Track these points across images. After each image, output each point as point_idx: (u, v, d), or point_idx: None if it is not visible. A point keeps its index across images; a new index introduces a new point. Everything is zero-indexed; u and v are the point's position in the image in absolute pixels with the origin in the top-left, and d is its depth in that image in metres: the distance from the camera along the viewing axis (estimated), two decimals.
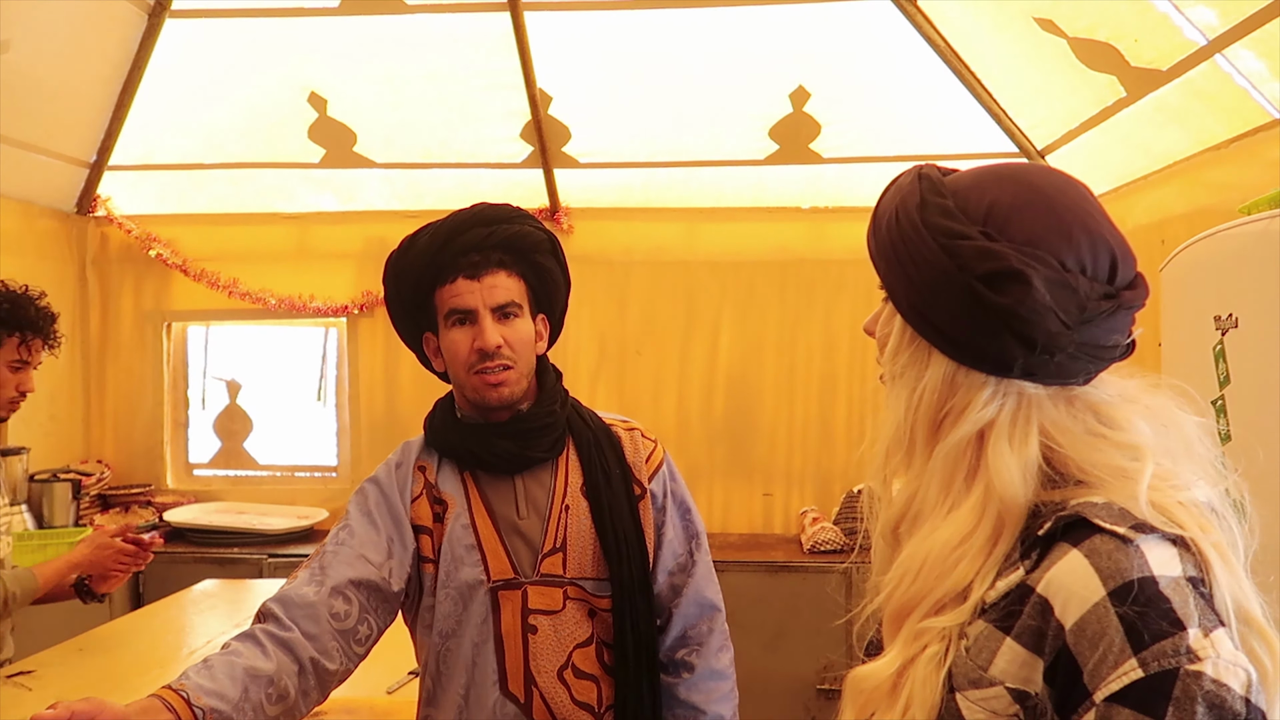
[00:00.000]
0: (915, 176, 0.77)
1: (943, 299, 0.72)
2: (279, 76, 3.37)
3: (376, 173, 3.72)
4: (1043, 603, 0.66)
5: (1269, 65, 2.19)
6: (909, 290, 0.74)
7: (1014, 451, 0.70)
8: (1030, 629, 0.66)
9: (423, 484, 1.43)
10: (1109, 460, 0.70)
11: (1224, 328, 1.31)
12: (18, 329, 2.10)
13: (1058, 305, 0.68)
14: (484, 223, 1.39)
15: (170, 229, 3.86)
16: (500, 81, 3.35)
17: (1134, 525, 0.65)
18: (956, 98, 3.26)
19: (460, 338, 1.38)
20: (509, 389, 1.38)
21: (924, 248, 0.72)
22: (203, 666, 1.13)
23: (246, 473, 4.07)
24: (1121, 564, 0.64)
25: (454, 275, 1.37)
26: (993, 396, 0.72)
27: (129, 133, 3.55)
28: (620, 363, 3.83)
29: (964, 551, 0.70)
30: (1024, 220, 0.71)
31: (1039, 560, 0.68)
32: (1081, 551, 0.65)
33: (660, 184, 3.73)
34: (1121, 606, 0.62)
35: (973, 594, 0.69)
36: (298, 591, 1.28)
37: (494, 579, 1.37)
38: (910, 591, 0.72)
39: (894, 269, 0.76)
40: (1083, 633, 0.63)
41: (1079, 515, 0.67)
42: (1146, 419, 0.73)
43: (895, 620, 0.73)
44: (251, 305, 3.83)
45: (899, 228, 0.75)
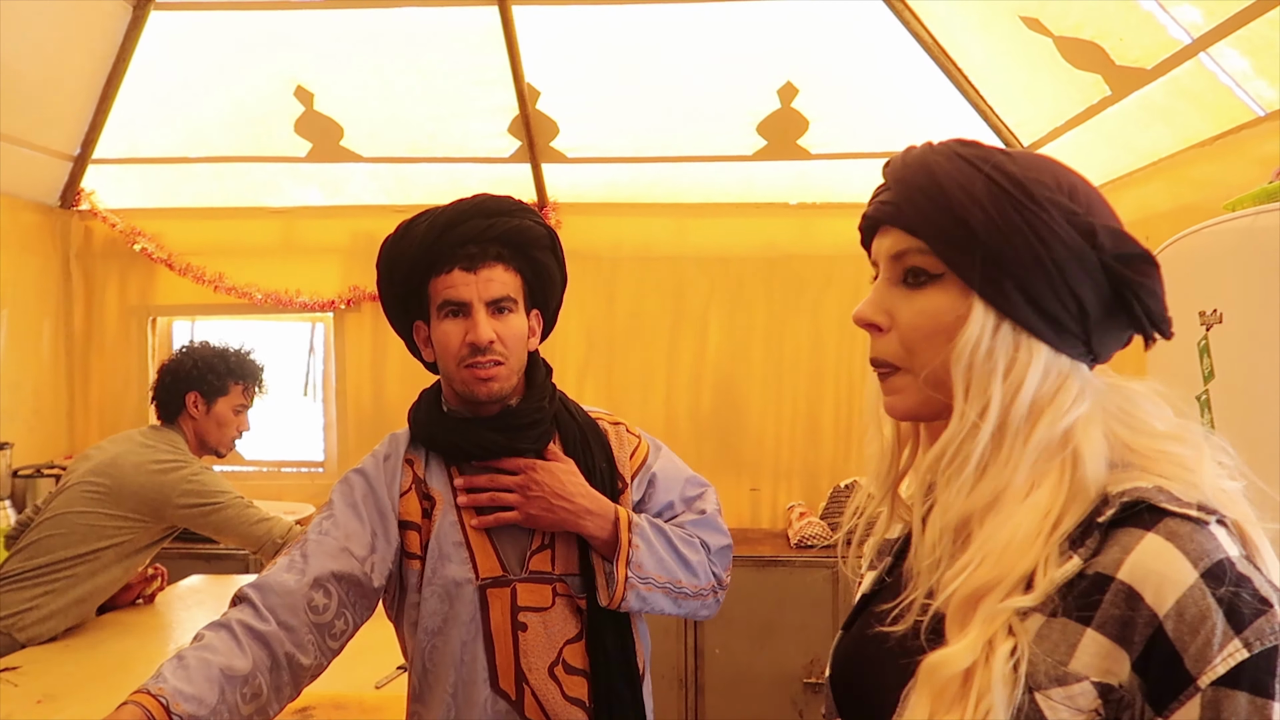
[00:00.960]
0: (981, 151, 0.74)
1: (1072, 280, 0.70)
2: (265, 70, 3.35)
3: (363, 167, 3.71)
4: (1128, 590, 0.64)
5: (1253, 63, 2.21)
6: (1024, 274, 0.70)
7: (1101, 437, 0.71)
8: (1114, 619, 0.64)
9: (412, 478, 1.42)
10: (1163, 447, 0.70)
11: (1209, 323, 1.32)
12: (242, 378, 2.58)
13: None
14: (484, 214, 1.38)
15: (155, 223, 3.83)
16: (488, 76, 3.34)
17: (1199, 507, 0.65)
18: (943, 94, 3.27)
19: (452, 330, 1.37)
20: (498, 384, 1.37)
21: (1053, 225, 0.70)
22: (179, 665, 1.11)
23: (232, 468, 4.05)
24: (1205, 545, 0.63)
25: (450, 266, 1.35)
26: (1081, 387, 0.72)
27: (113, 126, 3.52)
28: (609, 358, 3.83)
29: (1040, 532, 0.69)
30: (1098, 204, 0.73)
31: (1099, 548, 0.66)
32: (1160, 535, 0.64)
33: (648, 179, 3.73)
34: (1218, 587, 0.62)
35: (1039, 577, 0.68)
36: (277, 579, 1.26)
37: (482, 577, 1.37)
38: (990, 574, 0.69)
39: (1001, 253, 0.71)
40: (1182, 617, 0.62)
41: (1142, 499, 0.66)
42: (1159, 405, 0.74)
43: (968, 604, 0.70)
44: (237, 300, 3.81)
45: (1014, 205, 0.71)
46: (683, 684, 3.36)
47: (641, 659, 1.45)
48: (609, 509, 1.37)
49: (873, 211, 0.80)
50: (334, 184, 3.80)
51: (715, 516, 1.47)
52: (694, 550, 1.41)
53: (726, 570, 1.46)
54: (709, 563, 1.42)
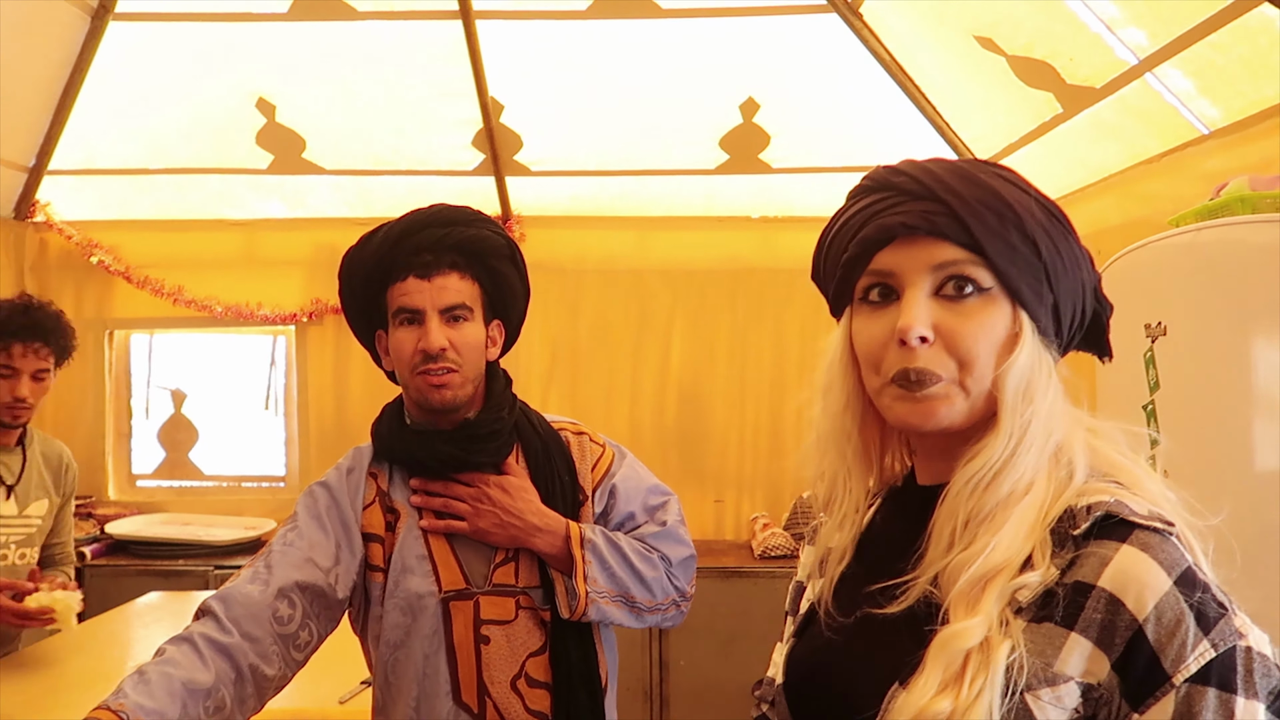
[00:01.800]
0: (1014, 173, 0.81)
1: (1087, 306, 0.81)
2: (226, 81, 3.33)
3: (326, 179, 3.69)
4: (1109, 596, 0.68)
5: (1196, 83, 2.28)
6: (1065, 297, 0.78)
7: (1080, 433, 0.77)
8: (1097, 623, 0.68)
9: (375, 491, 1.43)
10: (1118, 456, 0.76)
11: (1154, 335, 1.36)
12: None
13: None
14: (440, 223, 1.38)
15: (113, 235, 3.78)
16: (452, 89, 3.35)
17: (1159, 519, 0.70)
18: (901, 110, 3.33)
19: (406, 337, 1.37)
20: (451, 392, 1.37)
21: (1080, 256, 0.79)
22: (140, 681, 1.10)
23: (192, 483, 4.00)
24: (1172, 555, 0.68)
25: (405, 274, 1.36)
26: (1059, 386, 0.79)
27: (70, 137, 3.48)
28: (572, 369, 3.84)
29: (1039, 520, 0.73)
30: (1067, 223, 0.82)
31: (1075, 558, 0.71)
32: (1135, 545, 0.69)
33: (612, 193, 3.76)
34: (1189, 593, 0.67)
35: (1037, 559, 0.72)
36: (241, 590, 1.26)
37: (445, 590, 1.37)
38: (1002, 557, 0.73)
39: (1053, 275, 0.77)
40: (1160, 621, 0.66)
41: (1112, 513, 0.70)
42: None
43: (979, 586, 0.73)
44: (198, 313, 3.77)
45: (1061, 232, 0.78)
46: (648, 696, 3.36)
47: (604, 671, 1.46)
48: (559, 526, 1.38)
49: (914, 220, 0.77)
50: (296, 196, 3.79)
51: (677, 527, 1.48)
52: (650, 566, 1.42)
53: (690, 582, 1.48)
54: (668, 577, 1.43)
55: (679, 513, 1.51)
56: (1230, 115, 2.24)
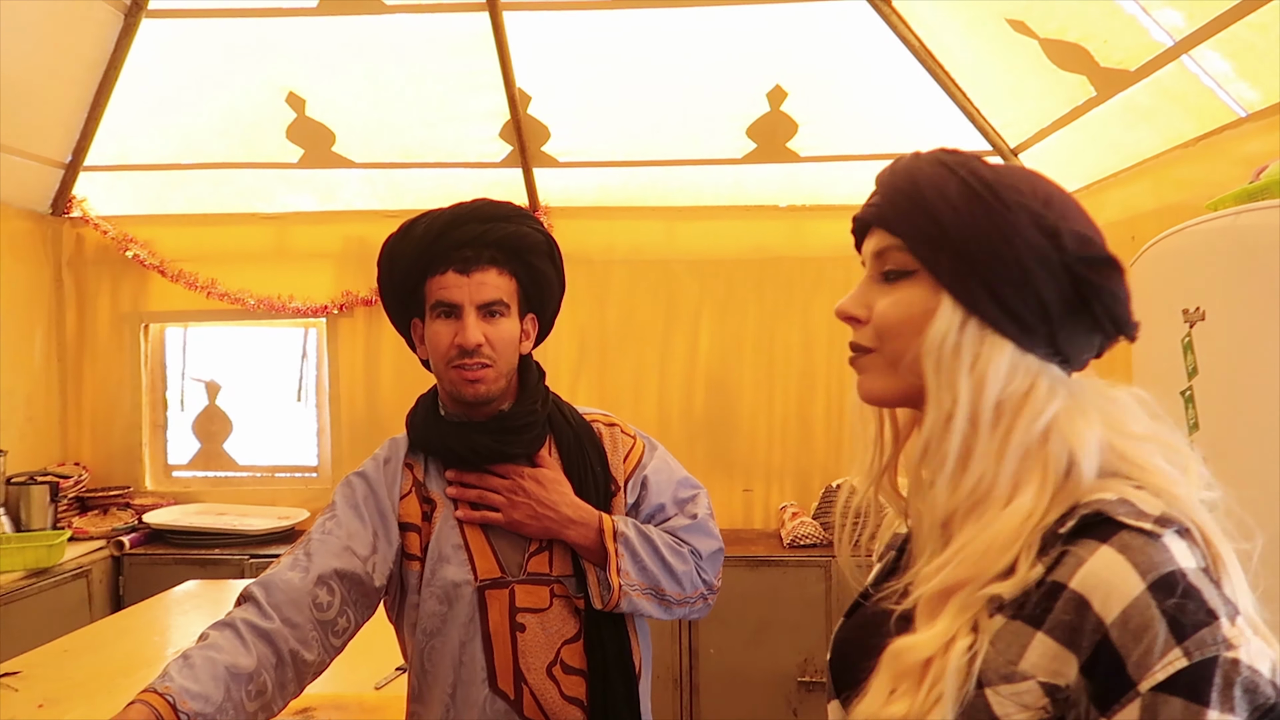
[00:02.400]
0: (959, 158, 0.78)
1: (1036, 281, 0.73)
2: (257, 77, 3.37)
3: (355, 173, 3.72)
4: (1078, 599, 0.67)
5: (1234, 65, 2.25)
6: (985, 271, 0.74)
7: (1091, 429, 0.73)
8: (1064, 624, 0.67)
9: (411, 482, 1.45)
10: (1148, 457, 0.73)
11: (1192, 320, 1.35)
12: None
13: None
14: (481, 219, 1.40)
15: (147, 230, 3.84)
16: (479, 81, 3.36)
17: (1156, 520, 0.68)
18: (931, 97, 3.30)
19: (443, 330, 1.39)
20: (485, 386, 1.39)
21: (1019, 227, 0.74)
22: (184, 665, 1.13)
23: (226, 474, 4.06)
24: (1155, 558, 0.66)
25: (445, 267, 1.38)
26: (1052, 385, 0.75)
27: (105, 133, 3.53)
28: (601, 360, 3.85)
29: (1023, 530, 0.72)
30: (1074, 212, 0.76)
31: (1060, 558, 0.69)
32: (1113, 547, 0.67)
33: (639, 183, 3.75)
34: (1161, 599, 0.64)
35: (1020, 566, 0.71)
36: (282, 577, 1.28)
37: (481, 579, 1.39)
38: (969, 571, 0.72)
39: (963, 249, 0.75)
40: (1126, 626, 0.65)
41: (1100, 513, 0.69)
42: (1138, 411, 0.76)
43: (940, 597, 0.73)
44: (230, 306, 3.82)
45: (984, 207, 0.75)
46: (678, 684, 3.38)
47: (638, 659, 1.47)
48: (593, 518, 1.40)
49: (861, 213, 0.85)
50: (326, 190, 3.82)
51: (707, 520, 1.49)
52: (681, 560, 1.42)
53: (717, 575, 1.49)
54: (697, 570, 1.44)
55: (709, 506, 1.52)
56: (1269, 98, 2.20)
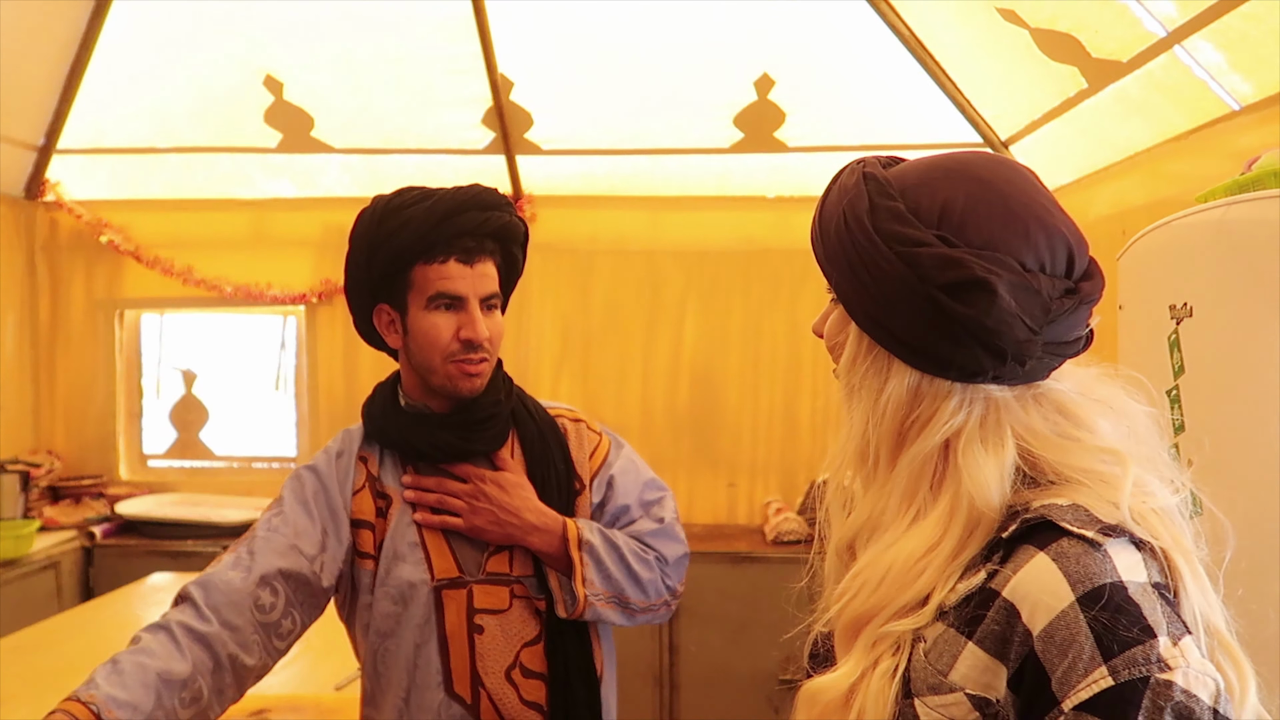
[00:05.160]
0: (860, 176, 0.73)
1: (904, 310, 0.69)
2: (233, 58, 3.29)
3: (335, 158, 3.65)
4: (1009, 607, 0.63)
5: (1227, 57, 2.19)
6: (866, 300, 0.71)
7: (989, 456, 0.68)
8: (994, 634, 0.64)
9: (365, 476, 1.39)
10: (1087, 464, 0.68)
11: (1179, 317, 1.30)
12: None
13: (1023, 311, 0.66)
14: (481, 207, 1.34)
15: (122, 214, 3.76)
16: (460, 66, 3.29)
17: (1101, 529, 0.63)
18: (921, 87, 3.25)
19: (444, 323, 1.32)
20: (481, 380, 1.36)
21: (880, 257, 0.69)
22: (112, 671, 1.07)
23: (203, 463, 4.00)
24: (1090, 568, 0.62)
25: (445, 256, 1.31)
26: (960, 404, 0.70)
27: (78, 115, 3.45)
28: (584, 352, 3.79)
29: (929, 561, 0.68)
30: (979, 220, 0.68)
31: (1002, 563, 0.66)
32: (1049, 555, 0.63)
33: (624, 172, 3.69)
34: (1091, 612, 0.60)
35: (934, 598, 0.67)
36: (223, 576, 1.23)
37: (437, 578, 1.34)
38: (870, 601, 0.69)
39: (847, 277, 0.72)
40: (1051, 639, 0.61)
41: (1044, 518, 0.65)
42: (1107, 416, 0.71)
43: (850, 630, 0.71)
44: (207, 293, 3.75)
45: (850, 235, 0.71)
46: (658, 681, 3.33)
47: (600, 662, 1.42)
48: (557, 525, 1.35)
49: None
50: (306, 175, 3.75)
51: (673, 524, 1.45)
52: (647, 567, 1.38)
53: (681, 580, 1.45)
54: (662, 577, 1.40)
55: (675, 509, 1.47)
56: (1263, 90, 2.15)
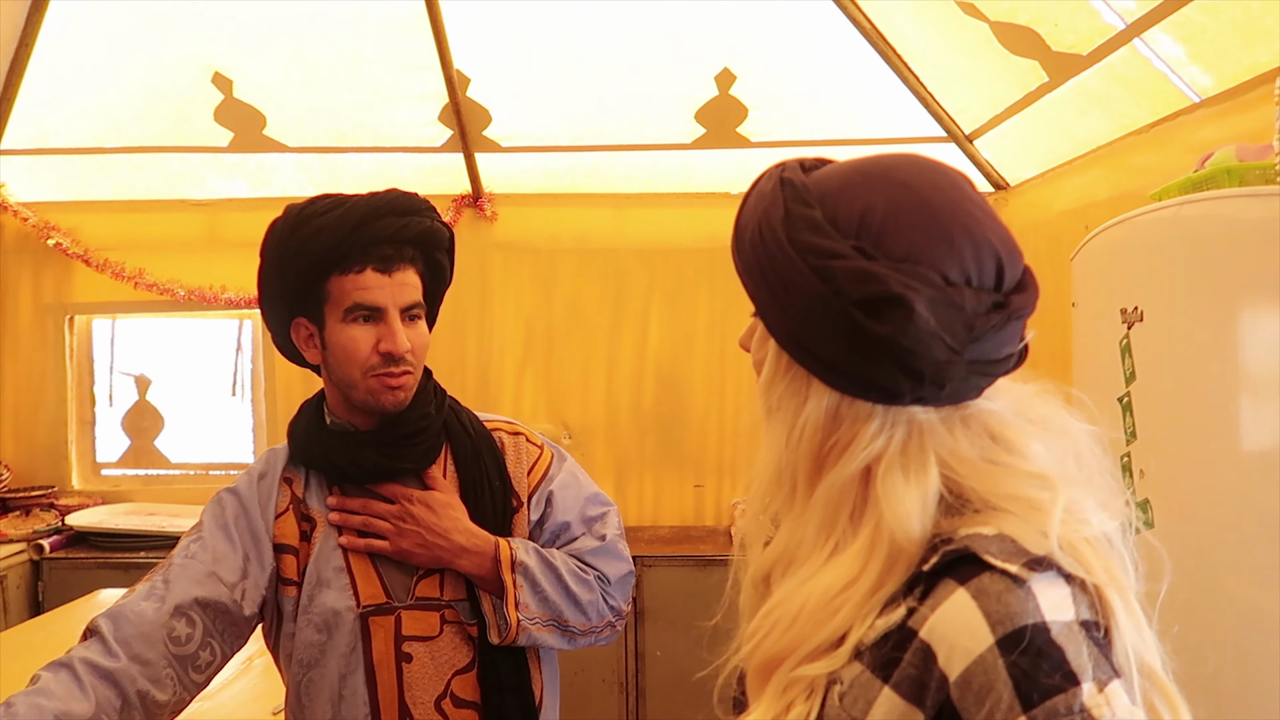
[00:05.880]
0: (777, 182, 0.67)
1: (819, 326, 0.63)
2: (178, 55, 3.19)
3: (289, 157, 3.56)
4: (925, 649, 0.58)
5: (1187, 49, 2.16)
6: (782, 315, 0.66)
7: (910, 484, 0.63)
8: (910, 678, 0.58)
9: (289, 499, 1.32)
10: (1016, 490, 0.62)
11: (1130, 321, 1.25)
12: None
13: (944, 329, 0.60)
14: (399, 212, 1.27)
15: (70, 217, 3.65)
16: (415, 62, 3.21)
17: (1027, 562, 0.58)
18: (884, 81, 3.20)
19: (362, 336, 1.25)
20: (405, 394, 1.28)
21: (793, 270, 0.64)
22: (6, 714, 1.00)
23: (158, 471, 3.90)
24: (1012, 607, 0.56)
25: (360, 265, 1.24)
26: (881, 428, 0.64)
27: (20, 114, 3.34)
28: (547, 352, 3.72)
29: (847, 597, 0.62)
30: (901, 230, 0.62)
31: (923, 598, 0.60)
32: (969, 591, 0.58)
33: (586, 169, 3.63)
34: (1010, 657, 0.55)
35: (850, 637, 0.61)
36: (134, 608, 1.16)
37: (364, 604, 1.27)
38: (783, 642, 0.64)
39: (764, 291, 0.67)
40: (968, 686, 0.56)
41: (968, 549, 0.59)
42: (1041, 438, 0.65)
43: (762, 672, 0.66)
44: (159, 297, 3.65)
45: (764, 246, 0.66)
46: (623, 688, 3.27)
47: (539, 689, 1.36)
48: (488, 546, 1.28)
49: None
50: (259, 175, 3.65)
51: (616, 542, 1.38)
52: (587, 588, 1.32)
53: (626, 600, 1.38)
54: (604, 597, 1.34)
55: (619, 525, 1.41)
56: (1223, 82, 2.12)
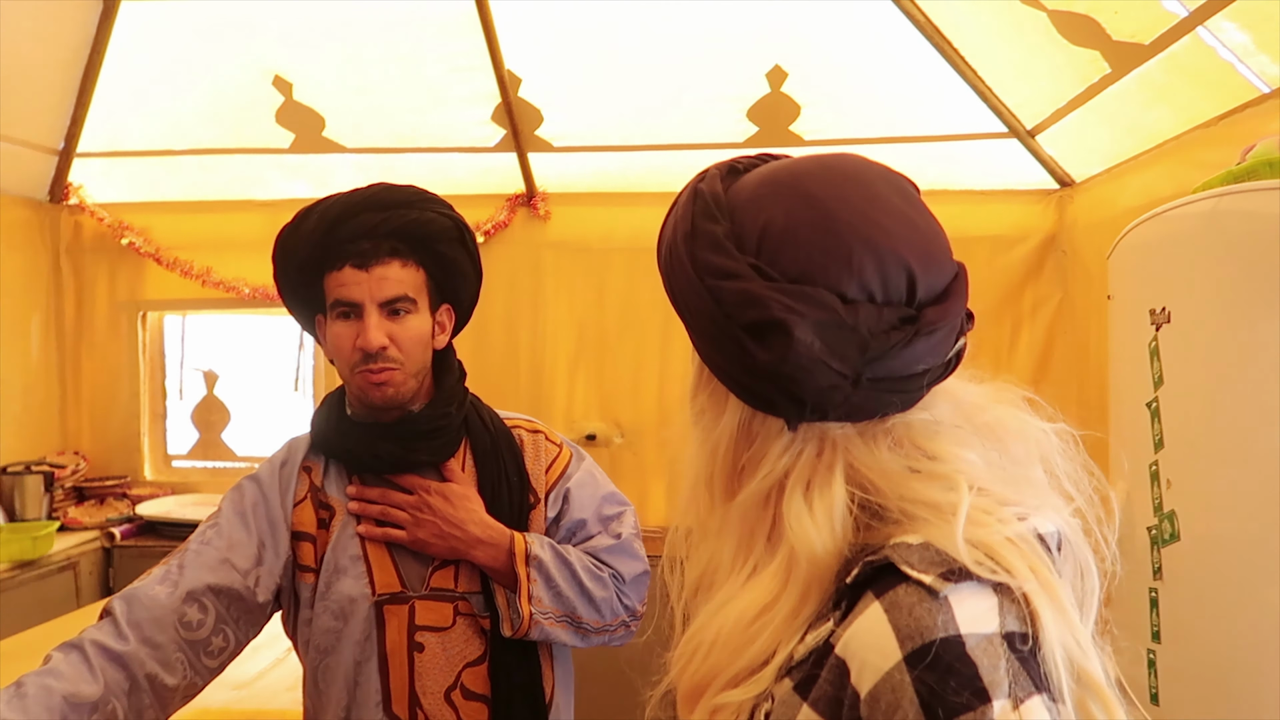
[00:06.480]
0: (691, 193, 0.66)
1: (719, 346, 0.62)
2: (241, 59, 3.29)
3: (348, 158, 3.63)
4: (840, 665, 0.56)
5: (1254, 37, 2.05)
6: (690, 330, 0.66)
7: (811, 502, 0.61)
8: (827, 696, 0.56)
9: (308, 486, 1.35)
10: (920, 495, 0.59)
11: (1158, 322, 1.19)
12: None
13: (831, 353, 0.58)
14: (377, 207, 1.28)
15: (142, 217, 3.79)
16: (467, 63, 3.24)
17: (945, 572, 0.55)
18: (940, 76, 3.12)
19: (344, 332, 1.28)
20: (394, 389, 1.29)
21: (692, 290, 0.63)
22: (15, 695, 1.04)
23: (225, 464, 4.02)
24: (923, 621, 0.54)
25: (341, 263, 1.26)
26: (790, 443, 0.62)
27: (95, 119, 3.48)
28: (599, 352, 3.72)
29: (766, 622, 0.60)
30: (797, 247, 0.60)
31: (846, 612, 0.58)
32: (882, 605, 0.55)
33: (638, 168, 3.62)
34: (919, 673, 0.52)
35: (777, 657, 0.60)
36: (148, 591, 1.19)
37: (379, 592, 1.29)
38: (704, 668, 0.62)
39: (676, 305, 0.66)
40: (876, 703, 0.53)
41: (888, 560, 0.57)
42: (977, 441, 0.62)
43: (689, 699, 0.64)
44: (225, 294, 3.76)
45: (671, 261, 0.65)
46: None
47: (550, 685, 1.36)
48: (503, 539, 1.28)
49: None
50: (320, 176, 3.74)
51: (632, 541, 1.38)
52: (601, 585, 1.31)
53: (641, 600, 1.37)
54: (619, 595, 1.33)
55: (635, 525, 1.40)
56: None
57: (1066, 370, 3.36)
